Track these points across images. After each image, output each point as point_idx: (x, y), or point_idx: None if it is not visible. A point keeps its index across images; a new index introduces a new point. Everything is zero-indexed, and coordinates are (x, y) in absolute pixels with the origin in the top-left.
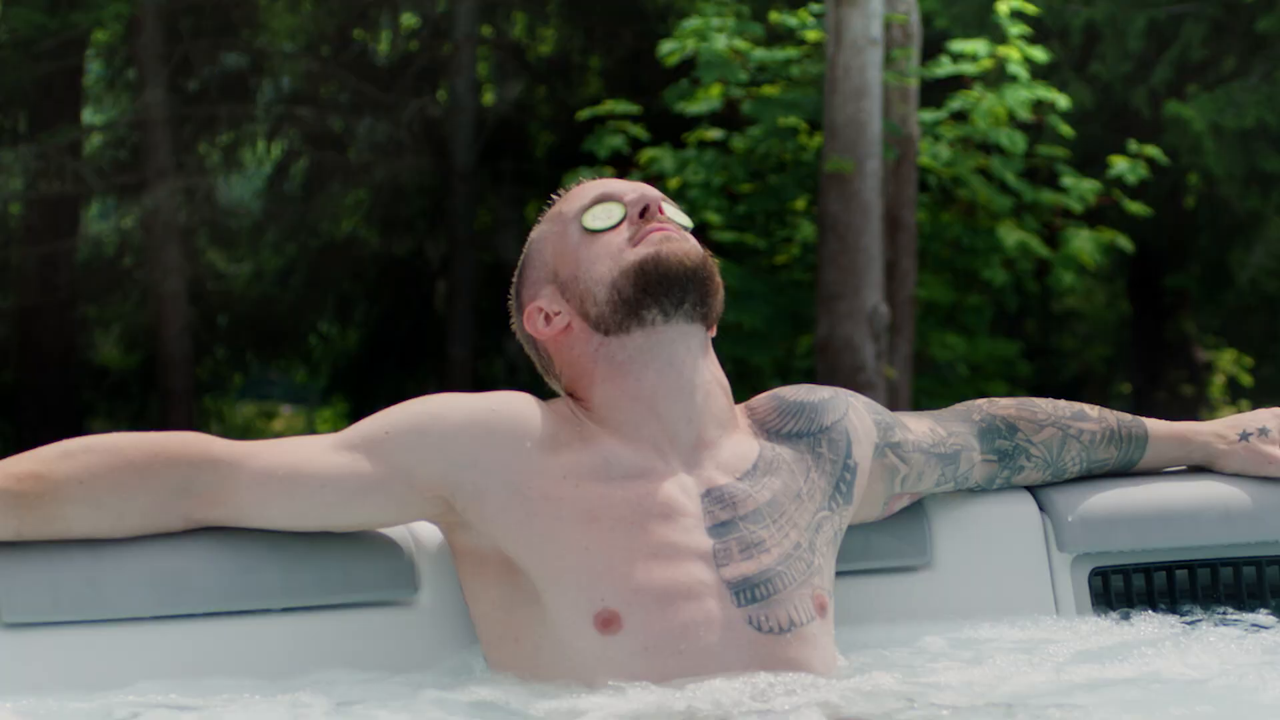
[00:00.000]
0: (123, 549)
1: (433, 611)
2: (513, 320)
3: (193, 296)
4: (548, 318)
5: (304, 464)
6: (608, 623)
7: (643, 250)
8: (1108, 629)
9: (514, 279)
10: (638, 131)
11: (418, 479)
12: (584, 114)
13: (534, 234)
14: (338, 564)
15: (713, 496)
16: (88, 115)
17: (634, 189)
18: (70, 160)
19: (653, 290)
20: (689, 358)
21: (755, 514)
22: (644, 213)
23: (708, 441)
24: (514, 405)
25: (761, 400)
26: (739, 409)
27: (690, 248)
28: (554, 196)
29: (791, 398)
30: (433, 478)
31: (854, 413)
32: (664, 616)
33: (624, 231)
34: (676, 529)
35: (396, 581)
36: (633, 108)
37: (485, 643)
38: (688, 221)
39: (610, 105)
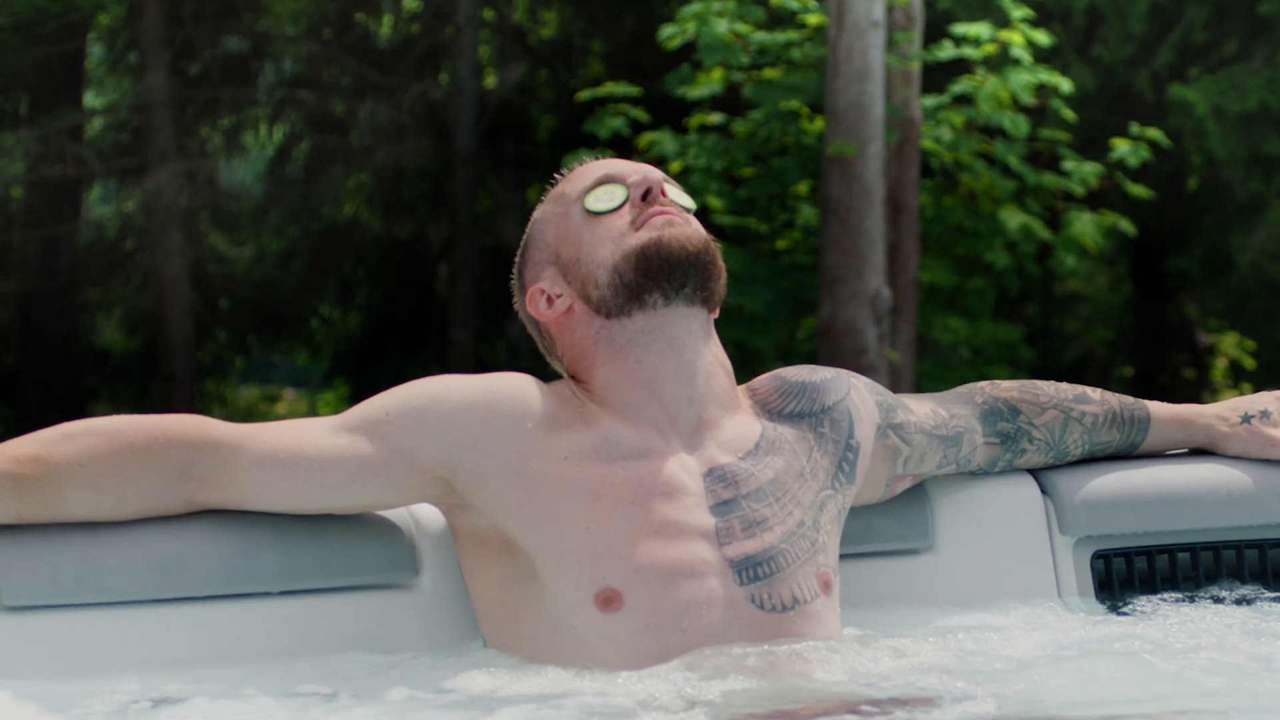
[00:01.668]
0: (122, 532)
1: (433, 594)
2: (515, 300)
3: (194, 280)
4: (550, 300)
5: (305, 446)
6: (609, 601)
7: (645, 235)
8: (1109, 612)
9: (516, 259)
10: (638, 114)
11: (418, 460)
12: (584, 95)
13: (536, 214)
14: (338, 547)
15: (715, 475)
16: (89, 99)
17: (636, 170)
18: (71, 144)
19: (654, 275)
20: (690, 340)
21: (758, 492)
22: (646, 195)
23: (709, 422)
24: (515, 386)
25: (763, 381)
26: (741, 390)
27: (692, 232)
28: (556, 176)
29: (793, 378)
30: (433, 459)
31: (856, 393)
32: (666, 595)
33: (626, 214)
34: (678, 508)
35: (397, 564)
36: (633, 90)
37: (484, 623)
38: (690, 203)
39: (611, 87)
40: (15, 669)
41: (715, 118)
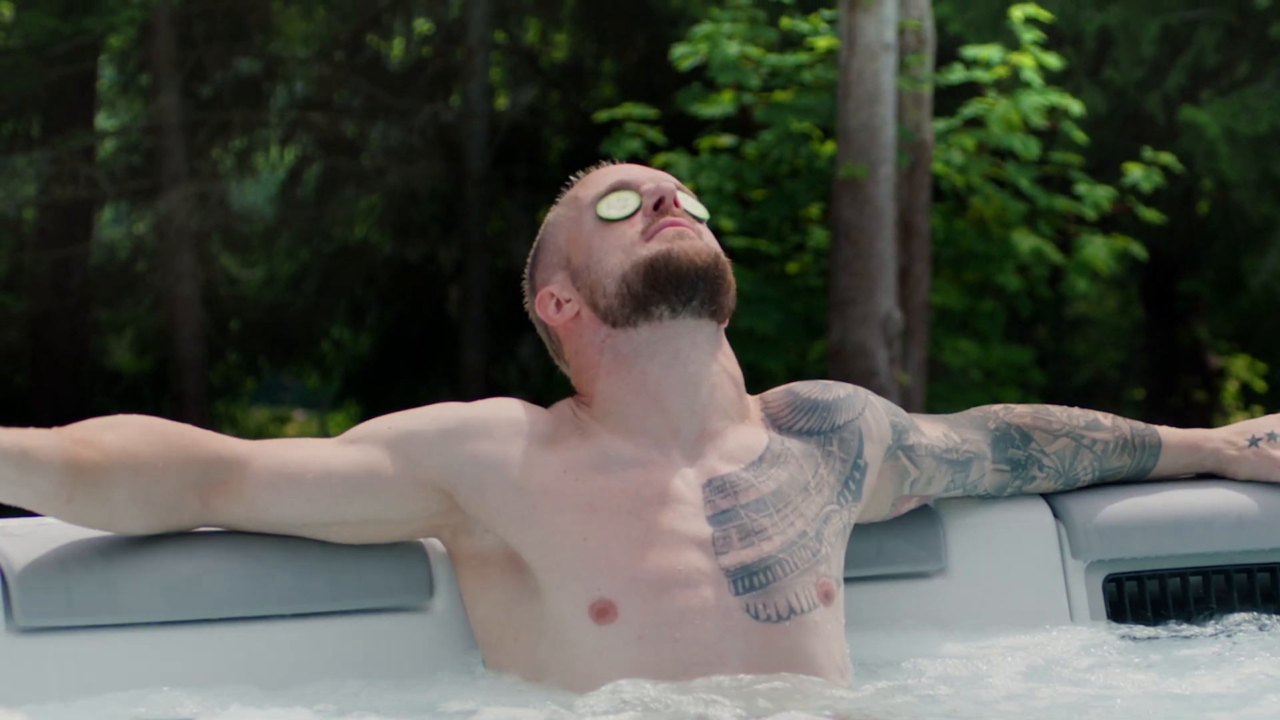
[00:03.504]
0: (136, 553)
1: (447, 617)
2: (525, 300)
3: (205, 301)
4: (559, 304)
5: (310, 455)
6: (603, 613)
7: (655, 246)
8: (1122, 635)
9: (529, 259)
10: (655, 135)
11: (421, 471)
12: (602, 115)
13: (550, 216)
14: (351, 570)
15: (714, 486)
16: (101, 120)
17: (651, 178)
18: (84, 165)
19: (661, 287)
20: (695, 352)
21: (758, 502)
22: (659, 204)
23: (712, 433)
24: (510, 406)
25: (776, 394)
26: (754, 401)
27: (702, 246)
28: (572, 179)
29: (806, 395)
30: (435, 470)
31: (870, 411)
32: (659, 604)
33: (638, 223)
34: (675, 517)
35: (411, 587)
36: (650, 111)
37: (484, 645)
38: (703, 213)
39: (629, 108)
40: (29, 690)
41: (726, 140)
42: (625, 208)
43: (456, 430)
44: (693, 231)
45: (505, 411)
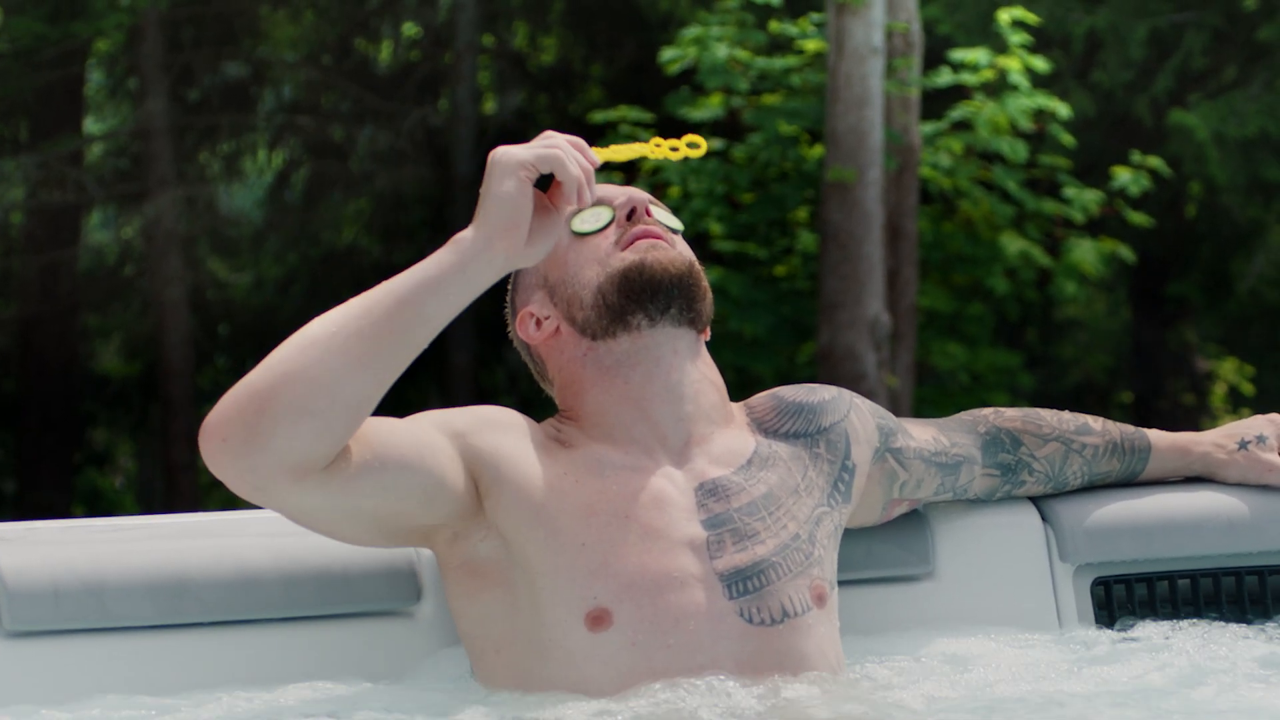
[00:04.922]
0: (125, 557)
1: (434, 621)
2: (509, 328)
3: (194, 305)
4: (538, 322)
5: (379, 421)
6: (598, 620)
7: (629, 257)
8: (1110, 638)
9: (509, 286)
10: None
11: (460, 447)
12: (597, 116)
13: None
14: (339, 574)
15: (705, 489)
16: (89, 124)
17: (623, 192)
18: (71, 169)
19: (637, 297)
20: (675, 359)
21: (750, 506)
22: (631, 215)
23: (699, 438)
24: (511, 412)
25: (761, 399)
26: (738, 407)
27: (676, 255)
28: None
29: (791, 398)
30: (469, 450)
31: (856, 414)
32: (653, 610)
33: (611, 234)
34: (669, 520)
35: (398, 592)
36: (644, 114)
37: (471, 655)
38: (677, 223)
39: (623, 111)
40: (17, 694)
41: (715, 143)
42: (599, 221)
43: (482, 422)
44: (666, 241)
45: (510, 415)
